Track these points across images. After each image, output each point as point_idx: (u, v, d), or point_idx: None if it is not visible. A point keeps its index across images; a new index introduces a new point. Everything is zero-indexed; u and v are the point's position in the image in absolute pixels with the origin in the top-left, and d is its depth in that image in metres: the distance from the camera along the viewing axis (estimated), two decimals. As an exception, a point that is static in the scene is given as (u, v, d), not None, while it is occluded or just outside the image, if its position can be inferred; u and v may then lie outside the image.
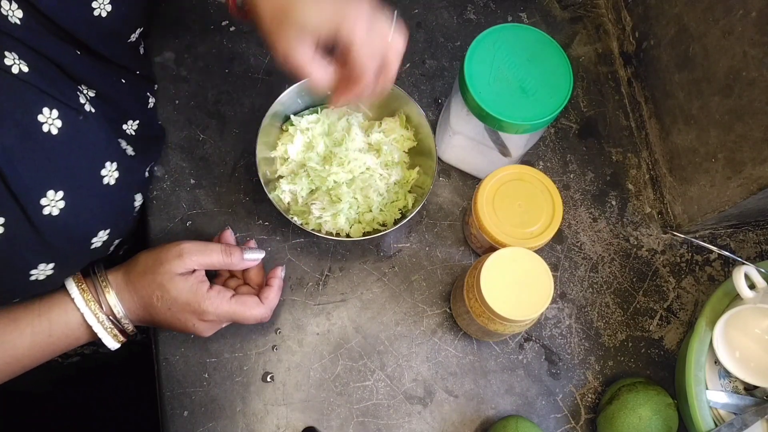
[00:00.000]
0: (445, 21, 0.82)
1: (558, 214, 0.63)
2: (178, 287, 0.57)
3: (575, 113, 0.79)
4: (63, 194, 0.49)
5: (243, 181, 0.73)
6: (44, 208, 0.48)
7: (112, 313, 0.57)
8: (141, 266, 0.58)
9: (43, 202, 0.48)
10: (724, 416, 0.62)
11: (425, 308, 0.70)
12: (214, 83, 0.76)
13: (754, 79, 0.59)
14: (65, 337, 0.57)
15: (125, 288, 0.58)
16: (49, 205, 0.48)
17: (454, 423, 0.66)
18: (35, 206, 0.48)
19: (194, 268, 0.59)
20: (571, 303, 0.71)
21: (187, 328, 0.59)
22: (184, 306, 0.58)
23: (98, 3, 0.53)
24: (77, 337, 0.57)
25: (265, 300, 0.61)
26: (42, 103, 0.47)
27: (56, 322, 0.56)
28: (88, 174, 0.53)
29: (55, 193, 0.49)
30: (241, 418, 0.64)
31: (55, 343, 0.57)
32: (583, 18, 0.84)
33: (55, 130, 0.48)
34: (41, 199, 0.48)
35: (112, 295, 0.57)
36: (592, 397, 0.69)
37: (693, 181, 0.70)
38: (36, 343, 0.56)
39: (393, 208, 0.69)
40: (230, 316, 0.60)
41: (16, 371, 0.57)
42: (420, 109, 0.68)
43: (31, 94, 0.47)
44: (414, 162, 0.72)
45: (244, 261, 0.62)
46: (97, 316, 0.57)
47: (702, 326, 0.62)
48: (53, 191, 0.48)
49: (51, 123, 0.48)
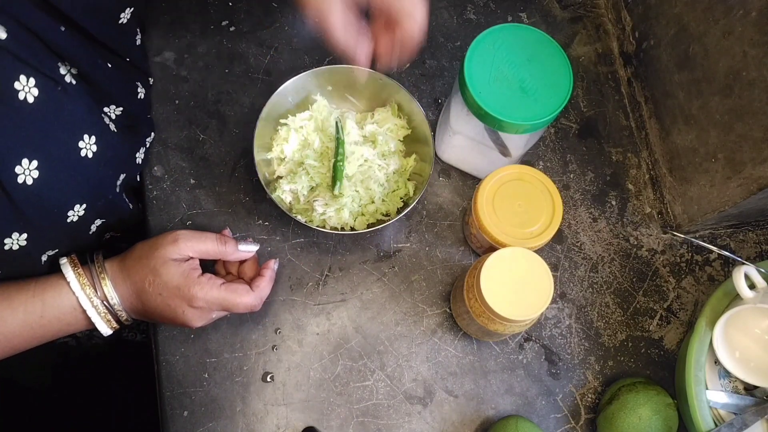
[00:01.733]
0: (445, 21, 0.82)
1: (558, 214, 0.63)
2: (170, 272, 0.57)
3: (575, 113, 0.79)
4: (38, 163, 0.49)
5: (243, 181, 0.73)
6: (18, 177, 0.48)
7: (106, 299, 0.57)
8: (137, 252, 0.59)
9: (17, 170, 0.48)
10: (724, 416, 0.62)
11: (425, 308, 0.70)
12: (214, 83, 0.76)
13: (754, 79, 0.59)
14: (57, 321, 0.57)
15: (119, 275, 0.58)
16: (23, 173, 0.48)
17: (454, 423, 0.66)
18: (9, 174, 0.48)
19: (189, 254, 0.59)
20: (571, 303, 0.71)
21: (177, 316, 0.59)
22: (174, 291, 0.57)
23: None
24: (69, 322, 0.57)
25: (256, 288, 0.61)
26: (19, 71, 0.47)
27: (50, 304, 0.56)
28: (65, 145, 0.53)
29: (30, 162, 0.48)
30: (241, 418, 0.64)
31: (47, 326, 0.56)
32: (583, 18, 0.84)
33: (31, 98, 0.48)
34: (16, 166, 0.48)
35: (107, 282, 0.57)
36: (592, 397, 0.69)
37: (693, 181, 0.70)
38: (28, 323, 0.55)
39: (395, 198, 0.70)
40: (220, 302, 0.59)
41: (5, 351, 0.56)
42: (410, 96, 0.68)
43: (7, 60, 0.46)
44: (410, 149, 0.72)
45: (238, 251, 0.62)
46: (91, 301, 0.57)
47: (702, 326, 0.62)
48: (27, 160, 0.48)
49: (27, 91, 0.47)
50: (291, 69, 0.77)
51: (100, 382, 1.25)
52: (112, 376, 1.25)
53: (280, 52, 0.78)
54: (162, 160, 0.73)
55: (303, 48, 0.79)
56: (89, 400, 1.25)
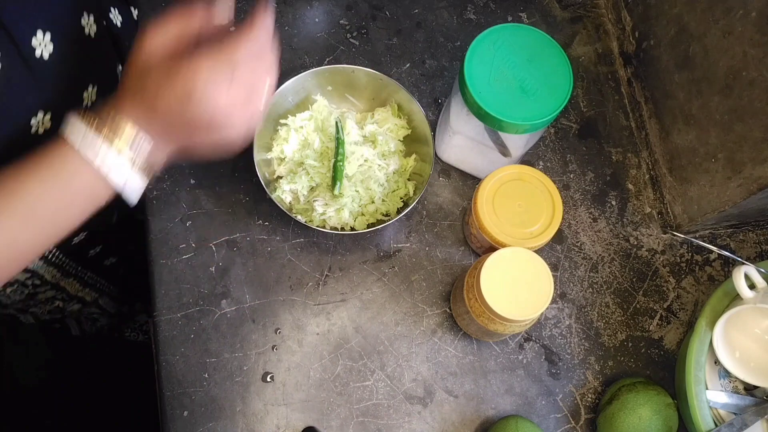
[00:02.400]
0: (445, 21, 0.82)
1: (558, 214, 0.63)
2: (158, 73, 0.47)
3: (575, 113, 0.79)
4: (51, 36, 0.50)
5: (243, 181, 0.73)
6: (35, 50, 0.49)
7: (116, 132, 0.47)
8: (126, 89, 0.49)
9: (33, 43, 0.48)
10: (724, 416, 0.62)
11: (425, 308, 0.70)
12: (214, 83, 0.76)
13: (754, 79, 0.59)
14: (89, 192, 0.48)
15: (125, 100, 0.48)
16: (39, 46, 0.49)
17: (454, 423, 0.66)
18: (27, 46, 0.48)
19: (159, 55, 0.48)
20: (571, 303, 0.71)
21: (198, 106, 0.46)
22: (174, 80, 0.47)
23: None
24: (99, 194, 0.48)
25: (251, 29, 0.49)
26: None
27: (60, 162, 0.47)
28: (70, 20, 0.53)
29: (44, 34, 0.49)
30: (241, 418, 0.64)
31: (64, 189, 0.47)
32: (583, 18, 0.84)
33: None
34: (32, 38, 0.48)
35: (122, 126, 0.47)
36: (592, 397, 0.68)
37: (693, 181, 0.70)
38: (47, 191, 0.47)
39: (395, 198, 0.70)
40: (220, 53, 0.47)
41: (45, 241, 0.49)
42: (410, 96, 0.68)
43: None
44: (410, 149, 0.72)
45: (212, 7, 0.51)
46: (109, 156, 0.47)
47: (702, 326, 0.62)
48: (41, 31, 0.49)
49: None
50: (291, 69, 0.77)
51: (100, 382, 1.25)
52: (112, 376, 1.25)
53: (280, 52, 0.78)
54: (162, 160, 0.73)
55: (303, 48, 0.79)
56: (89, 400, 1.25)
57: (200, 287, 0.68)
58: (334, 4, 0.81)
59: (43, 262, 0.73)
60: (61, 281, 0.80)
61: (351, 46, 0.80)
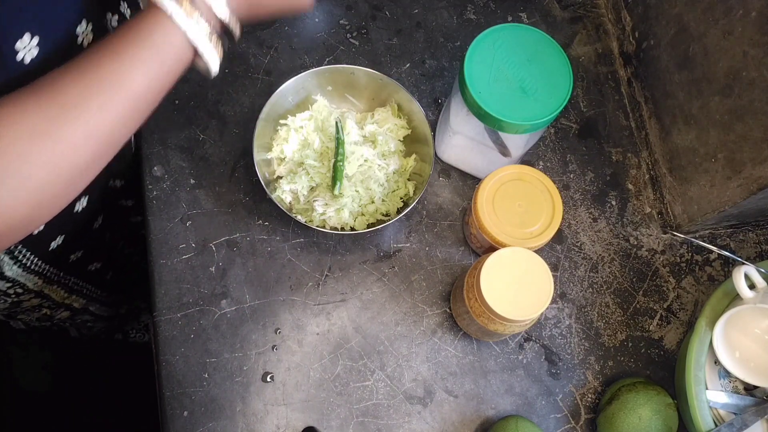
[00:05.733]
0: (445, 21, 0.82)
1: (558, 214, 0.63)
2: None
3: (575, 113, 0.79)
4: (38, 40, 0.49)
5: (243, 181, 0.73)
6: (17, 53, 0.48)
7: None
8: None
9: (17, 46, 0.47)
10: (724, 416, 0.62)
11: (425, 308, 0.70)
12: (214, 83, 0.76)
13: (754, 79, 0.59)
14: (176, 59, 0.49)
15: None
16: (23, 50, 0.48)
17: (454, 423, 0.66)
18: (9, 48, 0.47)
19: None
20: (571, 303, 0.71)
21: None
22: None
23: None
24: (182, 58, 0.50)
25: None
26: None
27: (163, 49, 0.48)
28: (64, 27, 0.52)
29: (31, 38, 0.48)
30: (241, 418, 0.64)
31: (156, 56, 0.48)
32: (583, 18, 0.84)
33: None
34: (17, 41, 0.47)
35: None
36: (592, 397, 0.69)
37: (693, 181, 0.70)
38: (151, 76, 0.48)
39: (395, 198, 0.70)
40: None
41: (142, 110, 0.49)
42: (410, 96, 0.68)
43: None
44: (410, 149, 0.72)
45: None
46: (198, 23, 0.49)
47: (702, 326, 0.62)
48: (29, 35, 0.48)
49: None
50: (291, 69, 0.77)
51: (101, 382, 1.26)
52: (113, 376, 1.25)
53: (280, 52, 0.79)
54: (162, 160, 0.73)
55: (303, 48, 0.79)
56: (89, 400, 1.25)
57: (200, 287, 0.68)
58: (334, 4, 0.81)
59: (22, 270, 0.69)
60: (45, 288, 0.77)
61: (351, 46, 0.80)
